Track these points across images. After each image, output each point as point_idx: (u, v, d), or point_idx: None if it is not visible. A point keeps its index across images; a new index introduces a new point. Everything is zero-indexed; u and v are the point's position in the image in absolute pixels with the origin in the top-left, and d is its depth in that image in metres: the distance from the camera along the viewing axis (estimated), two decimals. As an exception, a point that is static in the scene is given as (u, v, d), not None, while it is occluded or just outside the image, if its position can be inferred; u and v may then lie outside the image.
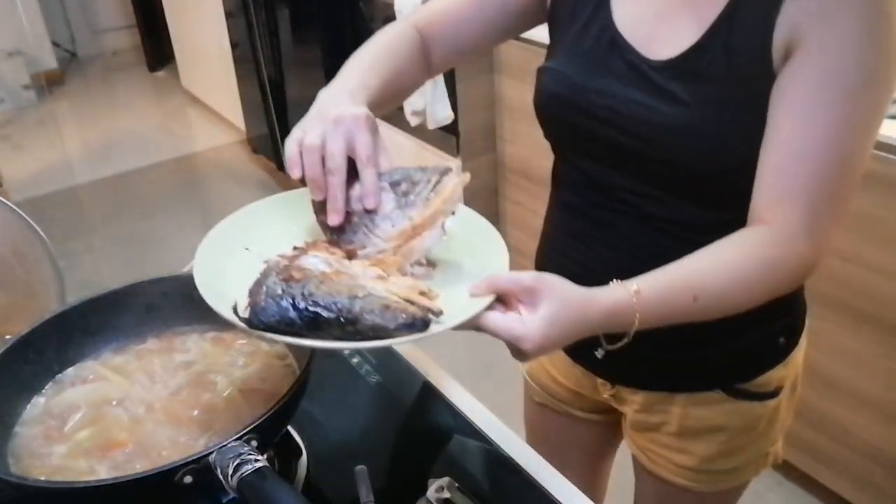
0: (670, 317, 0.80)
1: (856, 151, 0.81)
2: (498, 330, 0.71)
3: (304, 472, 0.93)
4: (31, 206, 3.76)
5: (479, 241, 0.83)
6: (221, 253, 0.80)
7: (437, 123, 2.62)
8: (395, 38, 1.01)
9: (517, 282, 0.72)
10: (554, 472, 0.94)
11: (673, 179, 0.90)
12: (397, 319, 0.68)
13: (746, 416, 1.03)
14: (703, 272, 0.80)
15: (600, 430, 1.22)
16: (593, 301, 0.75)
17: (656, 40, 0.88)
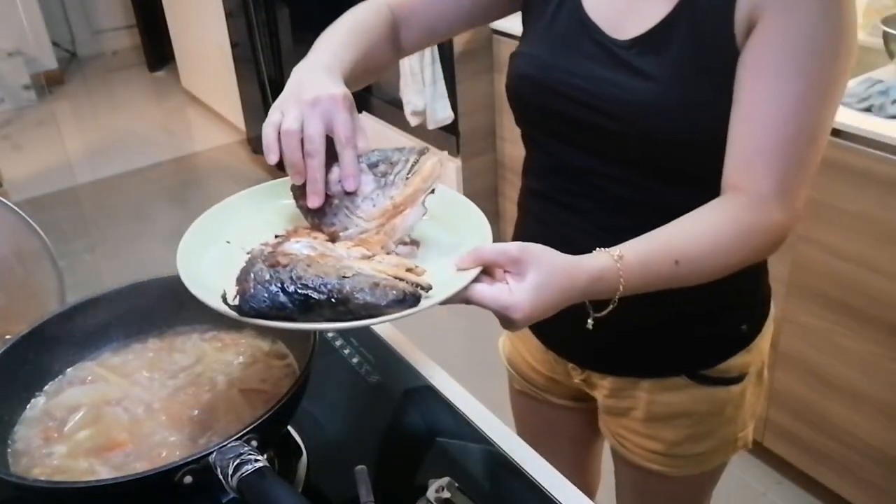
0: (653, 282, 0.81)
1: (819, 118, 0.84)
2: (486, 301, 0.72)
3: (304, 472, 0.93)
4: (31, 206, 3.76)
5: (459, 218, 0.84)
6: (203, 246, 0.80)
7: (437, 123, 2.62)
8: (367, 14, 1.01)
9: (503, 252, 0.73)
10: (554, 472, 0.94)
11: (642, 158, 0.92)
12: (388, 296, 0.68)
13: (711, 401, 1.06)
14: (684, 238, 0.82)
15: (580, 418, 1.24)
16: (578, 267, 0.76)
17: (625, 21, 0.91)
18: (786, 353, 1.91)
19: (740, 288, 1.01)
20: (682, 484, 1.14)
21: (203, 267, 0.77)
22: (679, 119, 0.87)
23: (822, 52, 0.82)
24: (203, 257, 0.79)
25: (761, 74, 0.83)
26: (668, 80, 0.87)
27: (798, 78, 0.82)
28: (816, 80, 0.82)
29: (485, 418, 1.02)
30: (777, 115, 0.83)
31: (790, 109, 0.82)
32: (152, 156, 4.47)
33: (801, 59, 0.82)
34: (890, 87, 1.72)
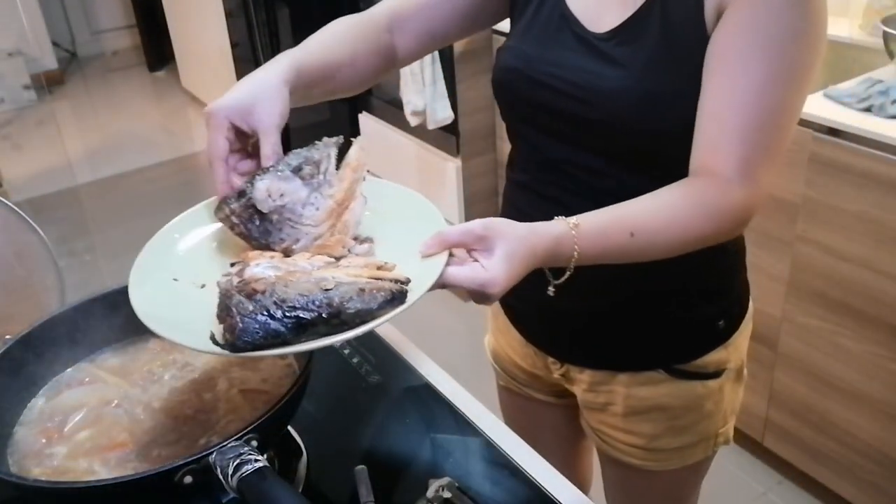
0: (608, 251, 0.83)
1: (785, 103, 0.85)
2: (462, 281, 0.73)
3: (304, 472, 0.93)
4: (31, 206, 3.77)
5: (400, 207, 0.84)
6: (156, 288, 0.77)
7: (437, 123, 2.62)
8: (356, 21, 1.03)
9: (468, 232, 0.75)
10: (554, 473, 0.94)
11: (621, 148, 0.93)
12: (377, 298, 0.68)
13: (688, 395, 1.07)
14: (641, 211, 0.85)
15: (564, 414, 1.25)
16: (538, 234, 0.78)
17: (603, 13, 0.93)
18: (786, 353, 1.91)
19: (715, 280, 1.04)
20: (665, 478, 1.15)
21: (164, 308, 0.74)
22: (654, 107, 0.89)
23: (789, 39, 0.84)
24: (158, 299, 0.75)
25: (727, 60, 0.85)
26: (642, 69, 0.89)
27: (763, 63, 0.83)
28: (782, 66, 0.84)
29: (485, 418, 1.02)
30: (741, 100, 0.84)
31: (755, 94, 0.84)
32: (152, 156, 4.47)
33: (766, 45, 0.84)
34: (890, 87, 1.72)
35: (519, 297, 0.95)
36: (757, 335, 1.95)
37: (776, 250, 1.84)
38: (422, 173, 2.92)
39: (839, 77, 1.89)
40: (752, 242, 0.94)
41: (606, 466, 1.21)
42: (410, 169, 2.96)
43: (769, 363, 1.96)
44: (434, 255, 0.74)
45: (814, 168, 1.71)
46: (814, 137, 1.70)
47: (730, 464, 2.14)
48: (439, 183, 2.82)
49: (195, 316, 0.72)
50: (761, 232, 1.85)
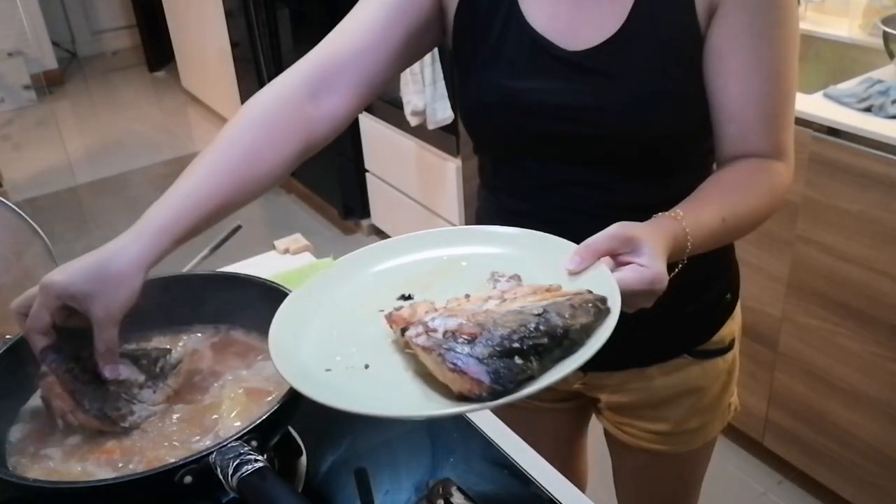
0: (709, 239, 0.85)
1: (791, 79, 0.91)
2: (634, 283, 0.73)
3: (304, 472, 0.93)
4: (31, 206, 3.77)
5: (529, 244, 0.82)
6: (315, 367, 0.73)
7: (436, 124, 2.62)
8: (264, 114, 0.89)
9: (614, 237, 0.75)
10: (554, 472, 0.94)
11: (627, 157, 0.93)
12: (589, 311, 0.66)
13: (713, 372, 1.10)
14: (724, 196, 0.88)
15: (567, 417, 1.25)
16: (663, 229, 0.79)
17: (578, 30, 0.91)
18: (786, 353, 1.91)
19: (720, 258, 1.06)
20: (684, 460, 1.17)
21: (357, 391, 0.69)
22: (657, 112, 0.89)
23: (781, 18, 0.87)
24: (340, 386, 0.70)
25: (736, 55, 0.88)
26: (640, 77, 0.89)
27: (770, 50, 0.88)
28: (784, 47, 0.88)
29: (485, 418, 1.02)
30: (760, 89, 0.89)
31: (771, 80, 0.89)
32: (152, 156, 4.47)
33: (768, 32, 0.87)
34: (890, 87, 1.72)
35: None
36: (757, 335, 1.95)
37: (776, 250, 1.84)
38: (422, 173, 2.93)
39: (839, 77, 1.89)
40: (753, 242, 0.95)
41: (621, 456, 1.21)
42: (410, 169, 2.97)
43: (769, 363, 1.96)
44: (588, 270, 0.74)
45: (814, 168, 1.71)
46: (814, 137, 1.70)
47: (730, 464, 2.14)
48: (439, 183, 2.82)
49: (382, 392, 0.69)
50: (761, 232, 1.84)
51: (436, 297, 0.76)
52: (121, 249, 0.78)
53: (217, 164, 0.85)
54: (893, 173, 1.59)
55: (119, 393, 0.84)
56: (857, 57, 2.04)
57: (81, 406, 0.83)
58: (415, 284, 0.81)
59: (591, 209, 0.96)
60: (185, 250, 0.99)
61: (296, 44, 3.40)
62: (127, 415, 0.84)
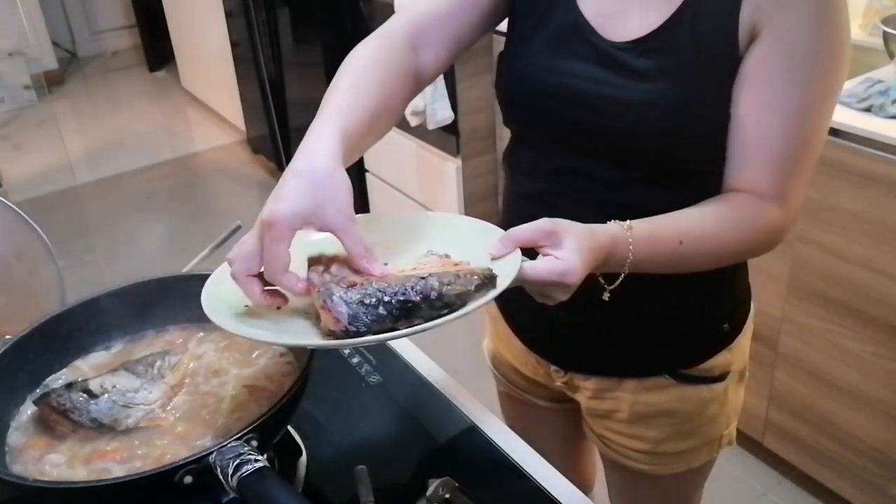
0: (657, 257, 0.84)
1: (818, 128, 0.88)
2: (543, 273, 0.74)
3: (304, 472, 0.93)
4: (31, 206, 3.76)
5: (466, 231, 0.85)
6: (231, 310, 0.78)
7: (437, 124, 2.62)
8: (377, 51, 0.93)
9: (537, 229, 0.76)
10: (554, 472, 0.94)
11: (635, 160, 0.92)
12: (472, 282, 0.72)
13: (695, 400, 1.07)
14: (689, 221, 0.87)
15: (567, 418, 1.24)
16: (599, 232, 0.80)
17: (621, 23, 0.91)
18: (786, 353, 1.91)
19: (720, 285, 1.04)
20: (670, 482, 1.15)
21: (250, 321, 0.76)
22: (679, 121, 0.88)
23: (822, 65, 0.85)
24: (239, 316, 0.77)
25: (764, 85, 0.85)
26: (666, 82, 0.87)
27: (800, 90, 0.85)
28: (816, 92, 0.86)
29: (485, 418, 1.02)
30: (779, 125, 0.86)
31: (792, 120, 0.86)
32: (152, 156, 4.47)
33: (803, 72, 0.85)
34: (890, 87, 1.72)
35: (522, 307, 0.94)
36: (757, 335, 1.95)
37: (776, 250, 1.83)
38: (422, 173, 2.93)
39: (839, 77, 1.89)
40: (752, 242, 0.94)
41: (610, 471, 1.21)
42: (410, 169, 2.97)
43: (769, 363, 1.96)
44: (506, 256, 0.76)
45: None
46: (814, 137, 1.70)
47: (730, 464, 2.14)
48: (439, 183, 2.82)
49: (284, 325, 0.75)
50: (761, 232, 1.85)
51: None
52: (309, 155, 0.77)
53: (359, 90, 0.87)
54: (893, 173, 1.59)
55: (112, 400, 0.85)
56: (857, 57, 2.03)
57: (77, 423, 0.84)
58: None
59: (591, 203, 0.96)
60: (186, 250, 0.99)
61: (296, 44, 3.40)
62: (123, 419, 0.85)
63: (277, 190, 0.74)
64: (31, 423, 0.88)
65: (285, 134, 3.73)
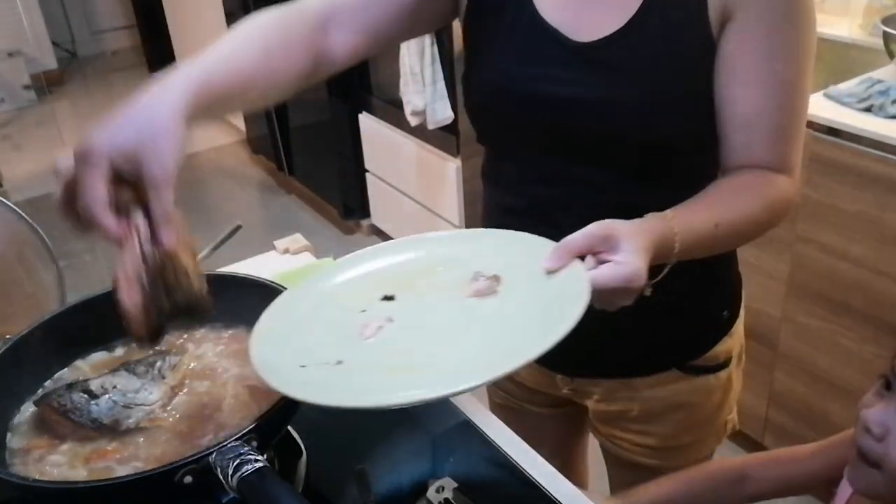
0: (699, 244, 0.84)
1: (804, 92, 0.90)
2: (609, 280, 0.73)
3: (304, 472, 0.93)
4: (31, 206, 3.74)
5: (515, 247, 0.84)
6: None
7: (436, 124, 2.62)
8: (280, 22, 0.91)
9: (591, 235, 0.75)
10: (554, 472, 0.94)
11: (621, 158, 0.92)
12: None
13: (703, 390, 1.08)
14: (719, 203, 0.87)
15: (563, 423, 1.24)
16: (647, 229, 0.78)
17: (587, 22, 0.91)
18: (786, 353, 1.91)
19: (718, 273, 1.05)
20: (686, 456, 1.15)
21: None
22: (661, 111, 0.89)
23: (798, 32, 0.87)
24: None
25: (750, 65, 0.87)
26: (643, 76, 0.88)
27: (784, 63, 0.87)
28: (798, 60, 0.88)
29: (485, 419, 1.02)
30: (773, 102, 0.88)
31: (783, 94, 0.88)
32: (152, 156, 4.46)
33: (783, 45, 0.87)
34: (890, 87, 1.72)
35: None
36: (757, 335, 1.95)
37: (776, 250, 1.84)
38: (422, 173, 2.92)
39: (839, 77, 1.89)
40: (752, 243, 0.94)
41: (616, 469, 1.20)
42: (410, 169, 2.96)
43: (769, 363, 1.96)
44: (564, 268, 0.75)
45: (814, 168, 1.71)
46: (814, 137, 1.70)
47: (730, 464, 2.14)
48: (439, 183, 2.82)
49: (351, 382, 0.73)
50: (761, 232, 1.85)
51: (418, 296, 0.81)
52: (151, 97, 0.72)
53: (237, 51, 0.84)
54: (893, 173, 1.59)
55: (113, 401, 0.85)
56: (857, 57, 2.03)
57: (77, 423, 0.84)
58: (400, 284, 0.84)
59: (584, 208, 0.94)
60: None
61: (296, 44, 3.39)
62: (123, 420, 0.85)
63: (105, 121, 0.70)
64: (32, 423, 0.88)
65: (285, 134, 3.73)
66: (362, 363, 0.74)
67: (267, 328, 0.79)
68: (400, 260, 0.87)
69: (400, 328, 0.78)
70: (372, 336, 0.77)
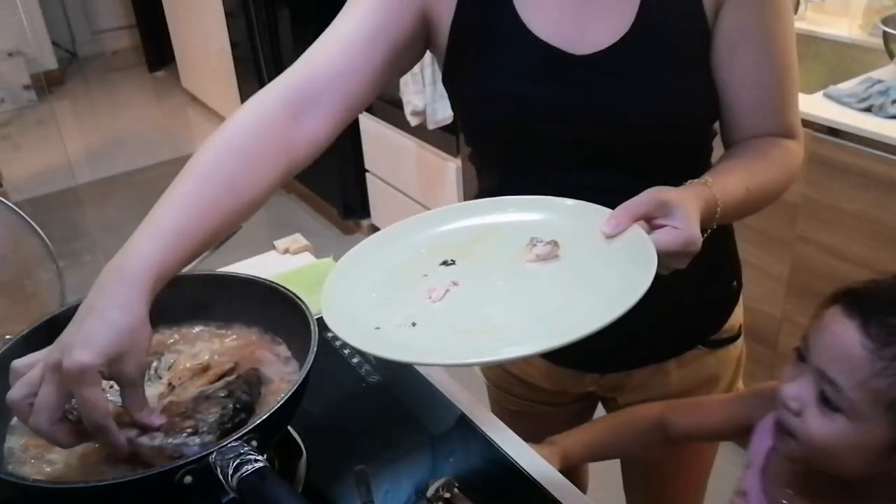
0: (735, 208, 0.87)
1: (794, 59, 0.93)
2: (669, 244, 0.75)
3: (304, 472, 0.93)
4: (31, 206, 3.76)
5: (573, 214, 0.85)
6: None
7: (436, 124, 2.62)
8: (243, 138, 0.83)
9: (649, 201, 0.77)
10: (554, 472, 0.94)
11: (634, 161, 0.93)
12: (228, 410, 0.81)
13: (726, 361, 1.11)
14: (747, 167, 0.90)
15: (570, 417, 1.23)
16: (694, 195, 0.81)
17: (586, 34, 0.89)
18: (786, 353, 1.91)
19: (728, 245, 1.08)
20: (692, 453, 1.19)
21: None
22: (669, 112, 0.90)
23: (782, 9, 0.90)
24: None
25: (746, 46, 0.89)
26: (654, 78, 0.89)
27: (778, 39, 0.90)
28: (785, 35, 0.91)
29: (485, 419, 1.02)
30: (774, 79, 0.91)
31: (781, 70, 0.91)
32: (152, 156, 4.47)
33: (772, 23, 0.89)
34: (890, 87, 1.72)
35: None
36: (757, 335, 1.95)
37: (776, 250, 1.84)
38: (422, 173, 2.93)
39: (839, 77, 1.89)
40: (752, 243, 0.95)
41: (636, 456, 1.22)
42: (410, 169, 2.97)
43: (769, 363, 1.95)
44: (625, 232, 0.77)
45: (814, 168, 1.71)
46: (814, 137, 1.70)
47: (730, 464, 2.13)
48: (439, 183, 2.82)
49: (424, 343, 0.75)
50: (761, 232, 1.85)
51: (477, 262, 0.83)
52: (119, 299, 0.72)
53: (198, 197, 0.78)
54: (893, 173, 1.59)
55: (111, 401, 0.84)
56: (857, 57, 2.04)
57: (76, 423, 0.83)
58: (457, 250, 0.85)
59: None
60: (185, 250, 0.98)
61: (296, 44, 3.39)
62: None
63: (78, 330, 0.70)
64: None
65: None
66: (435, 325, 0.76)
67: (334, 296, 0.80)
68: (451, 227, 0.89)
69: (466, 292, 0.79)
70: (440, 299, 0.79)
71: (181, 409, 0.79)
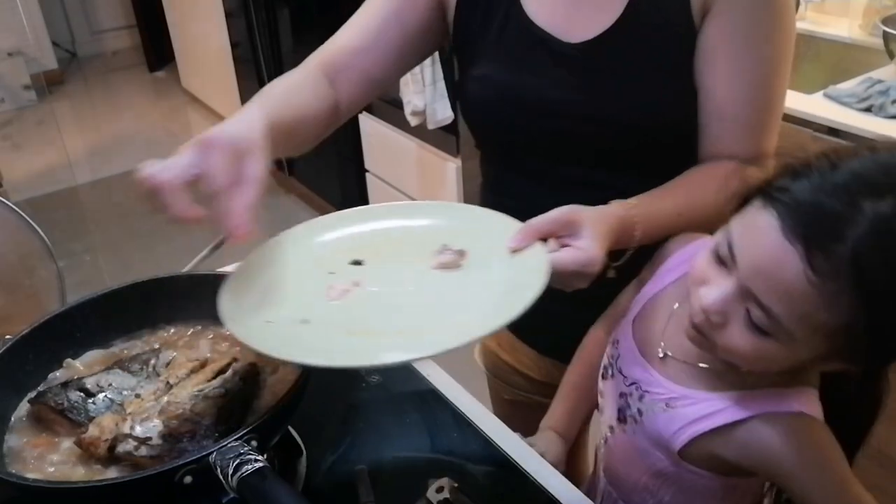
0: (660, 231, 0.88)
1: (780, 88, 0.92)
2: (567, 263, 0.76)
3: (304, 472, 0.93)
4: (31, 206, 3.76)
5: (484, 224, 0.86)
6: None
7: (437, 123, 2.62)
8: (304, 79, 0.97)
9: (554, 220, 0.78)
10: (553, 472, 0.94)
11: (619, 155, 0.94)
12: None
13: None
14: (683, 193, 0.90)
15: None
16: (608, 215, 0.81)
17: (576, 24, 0.92)
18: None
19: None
20: None
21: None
22: (652, 107, 0.90)
23: (776, 25, 0.88)
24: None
25: (727, 56, 0.89)
26: (637, 72, 0.90)
27: (760, 58, 0.89)
28: (774, 54, 0.90)
29: (485, 418, 1.02)
30: (746, 94, 0.90)
31: (757, 87, 0.90)
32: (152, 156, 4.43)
33: (759, 37, 0.89)
34: (890, 87, 1.72)
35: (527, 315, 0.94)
36: (757, 335, 1.94)
37: (776, 250, 1.84)
38: (422, 173, 2.93)
39: (839, 77, 1.89)
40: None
41: None
42: (410, 169, 2.97)
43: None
44: (527, 248, 0.78)
45: (814, 168, 1.71)
46: (814, 137, 1.70)
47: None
48: (439, 183, 2.82)
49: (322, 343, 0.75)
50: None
51: (385, 264, 0.84)
52: (242, 117, 0.78)
53: (284, 99, 0.90)
54: (893, 173, 1.59)
55: (110, 399, 0.85)
56: (857, 57, 2.03)
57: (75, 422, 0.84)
58: (366, 251, 0.86)
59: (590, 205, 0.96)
60: (186, 250, 0.99)
61: (296, 44, 3.39)
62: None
63: (208, 130, 0.77)
64: (31, 422, 0.88)
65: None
66: (326, 324, 0.77)
67: (237, 283, 0.81)
68: (362, 229, 0.90)
69: (365, 293, 0.80)
70: (337, 298, 0.80)
71: (178, 411, 0.79)
